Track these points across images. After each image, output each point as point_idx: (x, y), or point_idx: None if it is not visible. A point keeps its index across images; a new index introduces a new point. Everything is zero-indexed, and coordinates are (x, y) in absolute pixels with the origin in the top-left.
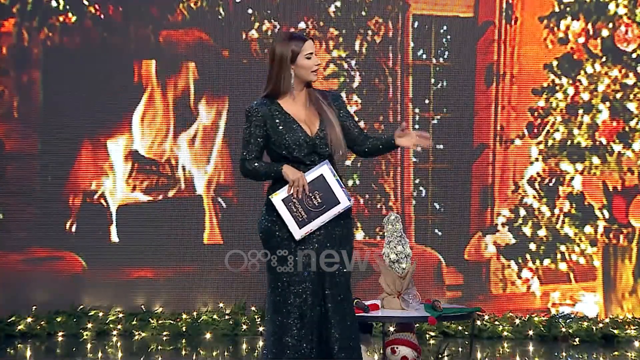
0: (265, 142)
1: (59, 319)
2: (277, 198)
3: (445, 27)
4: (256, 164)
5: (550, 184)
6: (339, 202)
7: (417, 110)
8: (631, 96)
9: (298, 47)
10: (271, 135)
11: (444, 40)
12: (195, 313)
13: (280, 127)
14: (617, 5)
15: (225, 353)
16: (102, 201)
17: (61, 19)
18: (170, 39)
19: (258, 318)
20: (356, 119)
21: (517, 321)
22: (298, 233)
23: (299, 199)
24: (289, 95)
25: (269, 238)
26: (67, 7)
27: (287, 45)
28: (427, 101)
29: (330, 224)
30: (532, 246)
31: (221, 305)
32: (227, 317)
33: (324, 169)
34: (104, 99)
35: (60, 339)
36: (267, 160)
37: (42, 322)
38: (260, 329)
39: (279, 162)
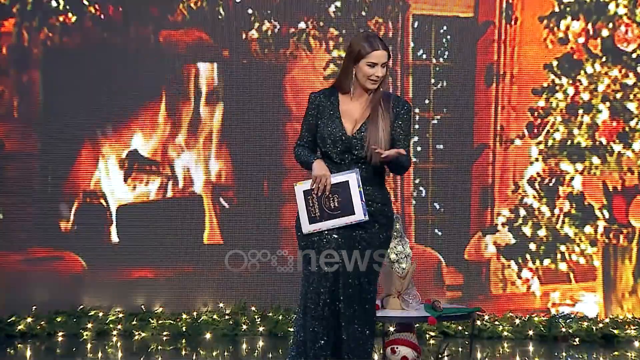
0: (315, 131)
1: (59, 319)
2: (300, 187)
3: (445, 27)
4: (300, 151)
5: (550, 184)
6: (354, 214)
7: (417, 110)
8: (631, 96)
9: (365, 52)
10: (319, 125)
11: (444, 40)
12: (195, 313)
13: (324, 119)
14: (617, 5)
15: (225, 353)
16: (102, 201)
17: (61, 19)
18: (170, 39)
19: (258, 318)
20: (412, 139)
21: (517, 321)
22: (306, 227)
23: (318, 196)
24: (349, 92)
25: (297, 234)
26: (67, 7)
27: (359, 45)
28: (427, 101)
29: (352, 227)
30: (532, 246)
31: (221, 305)
32: (227, 317)
33: (352, 177)
34: (104, 99)
35: (60, 339)
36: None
37: (42, 322)
38: (261, 329)
39: (322, 156)
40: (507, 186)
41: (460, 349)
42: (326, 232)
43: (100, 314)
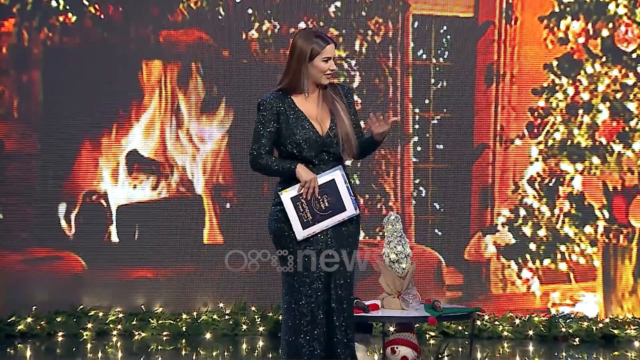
0: (276, 137)
1: (59, 319)
2: (287, 195)
3: (445, 27)
4: (269, 160)
5: (550, 184)
6: (345, 210)
7: (417, 110)
8: (631, 96)
9: (319, 48)
10: (283, 130)
11: (444, 40)
12: (195, 313)
13: (293, 124)
14: (617, 5)
15: (225, 353)
16: (102, 201)
17: (61, 19)
18: (170, 39)
19: (258, 318)
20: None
21: (517, 321)
22: (301, 234)
23: (308, 200)
24: (302, 92)
25: (280, 239)
26: (67, 7)
27: (309, 42)
28: (427, 101)
29: (339, 224)
30: (532, 246)
31: (221, 305)
32: (227, 317)
33: (337, 174)
34: (104, 99)
35: (60, 339)
36: (276, 155)
37: (42, 322)
38: (261, 329)
39: (291, 160)
40: (507, 186)
41: (460, 349)
42: (319, 234)
43: (100, 314)
